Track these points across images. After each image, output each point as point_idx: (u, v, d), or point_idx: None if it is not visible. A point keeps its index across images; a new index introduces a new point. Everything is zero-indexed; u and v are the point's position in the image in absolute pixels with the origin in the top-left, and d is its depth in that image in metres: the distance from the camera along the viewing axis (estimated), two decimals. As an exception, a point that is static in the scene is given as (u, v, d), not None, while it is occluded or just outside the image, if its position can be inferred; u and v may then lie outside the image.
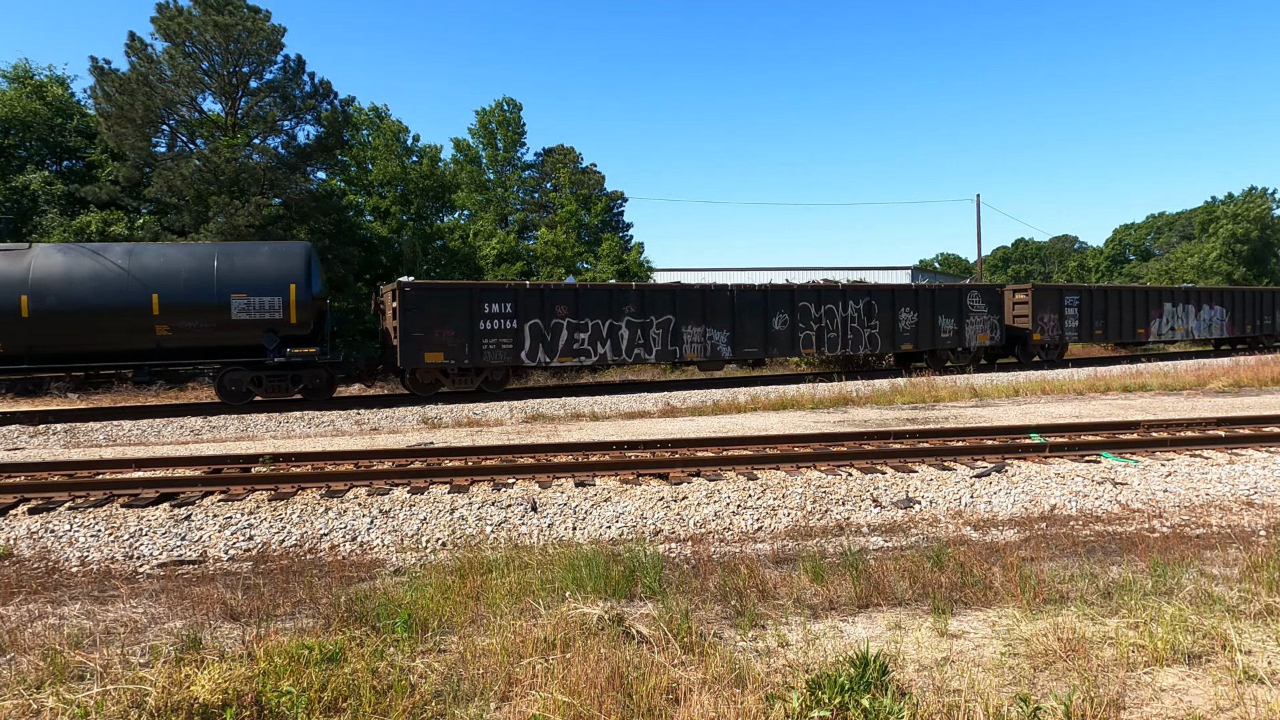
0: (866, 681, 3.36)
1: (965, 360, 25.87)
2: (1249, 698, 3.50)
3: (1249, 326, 34.42)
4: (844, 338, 23.77)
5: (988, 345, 26.19)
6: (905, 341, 24.79)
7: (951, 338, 25.55)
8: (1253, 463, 9.57)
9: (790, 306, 23.02)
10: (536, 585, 5.12)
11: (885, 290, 24.74)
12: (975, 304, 26.08)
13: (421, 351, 19.07)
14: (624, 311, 21.03)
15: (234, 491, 8.76)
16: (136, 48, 26.15)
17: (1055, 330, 27.81)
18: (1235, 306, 34.12)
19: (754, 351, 22.56)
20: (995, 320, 26.44)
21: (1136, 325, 30.19)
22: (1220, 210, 63.98)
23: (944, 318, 25.42)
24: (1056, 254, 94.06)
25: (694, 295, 21.95)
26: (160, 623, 5.12)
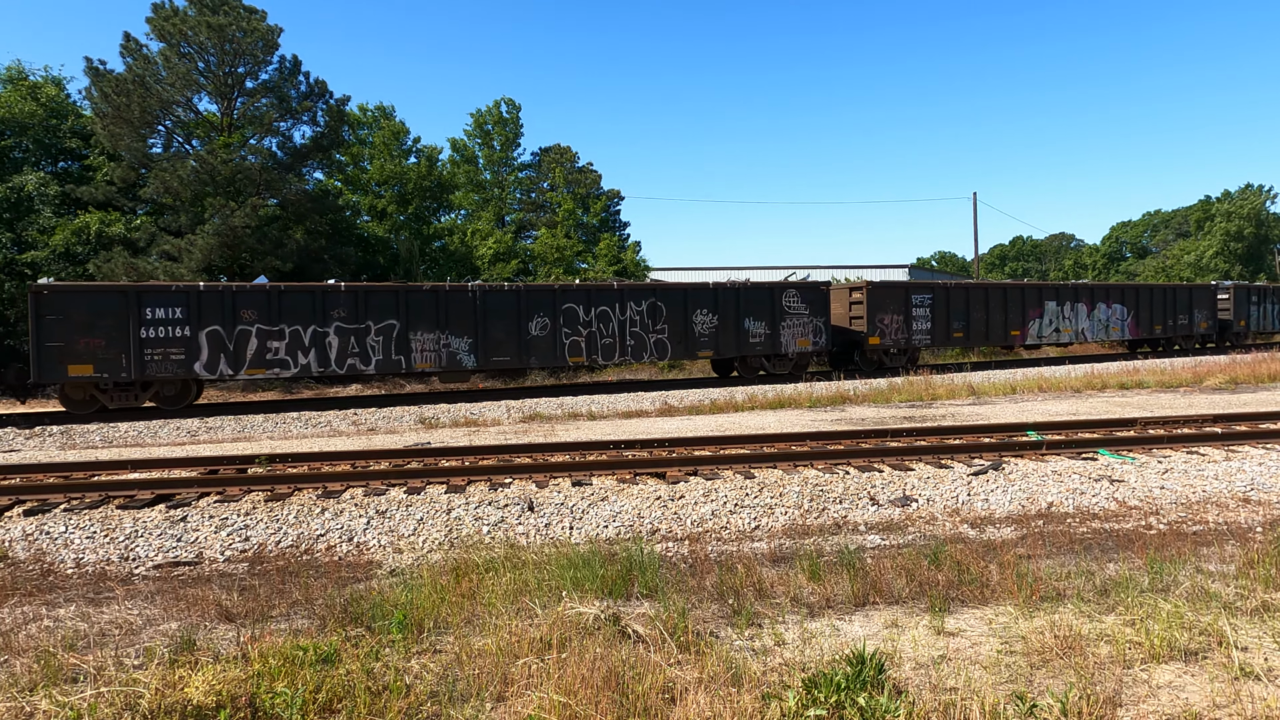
0: (863, 680, 3.35)
1: (785, 368, 23.21)
2: (1245, 694, 3.50)
3: (1158, 327, 31.06)
4: (622, 344, 21.00)
5: (810, 351, 23.33)
6: (703, 347, 21.97)
7: (763, 343, 22.55)
8: (1249, 459, 9.58)
9: (552, 309, 20.33)
10: (533, 585, 5.11)
11: (675, 290, 22.00)
12: (793, 304, 23.04)
13: (64, 364, 16.49)
14: (333, 316, 18.41)
15: (230, 493, 8.74)
16: (132, 48, 26.10)
17: (900, 334, 24.69)
18: (1140, 305, 30.76)
19: (506, 361, 19.92)
20: (820, 323, 23.35)
21: (1010, 327, 27.05)
22: (1216, 208, 64.10)
23: (753, 320, 22.46)
24: (1053, 251, 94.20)
25: (424, 297, 19.31)
26: (155, 624, 5.11)
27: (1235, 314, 33.80)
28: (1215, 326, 33.13)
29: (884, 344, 24.56)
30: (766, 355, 22.94)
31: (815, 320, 23.45)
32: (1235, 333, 33.91)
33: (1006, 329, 27.18)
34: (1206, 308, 32.78)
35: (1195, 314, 32.23)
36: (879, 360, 24.75)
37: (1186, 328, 32.05)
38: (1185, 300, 32.30)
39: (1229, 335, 33.78)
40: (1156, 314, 31.19)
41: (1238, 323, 33.96)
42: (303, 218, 26.87)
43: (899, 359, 25.16)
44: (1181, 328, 31.93)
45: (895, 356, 25.09)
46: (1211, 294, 33.51)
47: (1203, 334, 32.71)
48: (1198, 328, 32.32)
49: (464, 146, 42.98)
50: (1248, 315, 34.47)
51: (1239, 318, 34.04)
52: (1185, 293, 32.59)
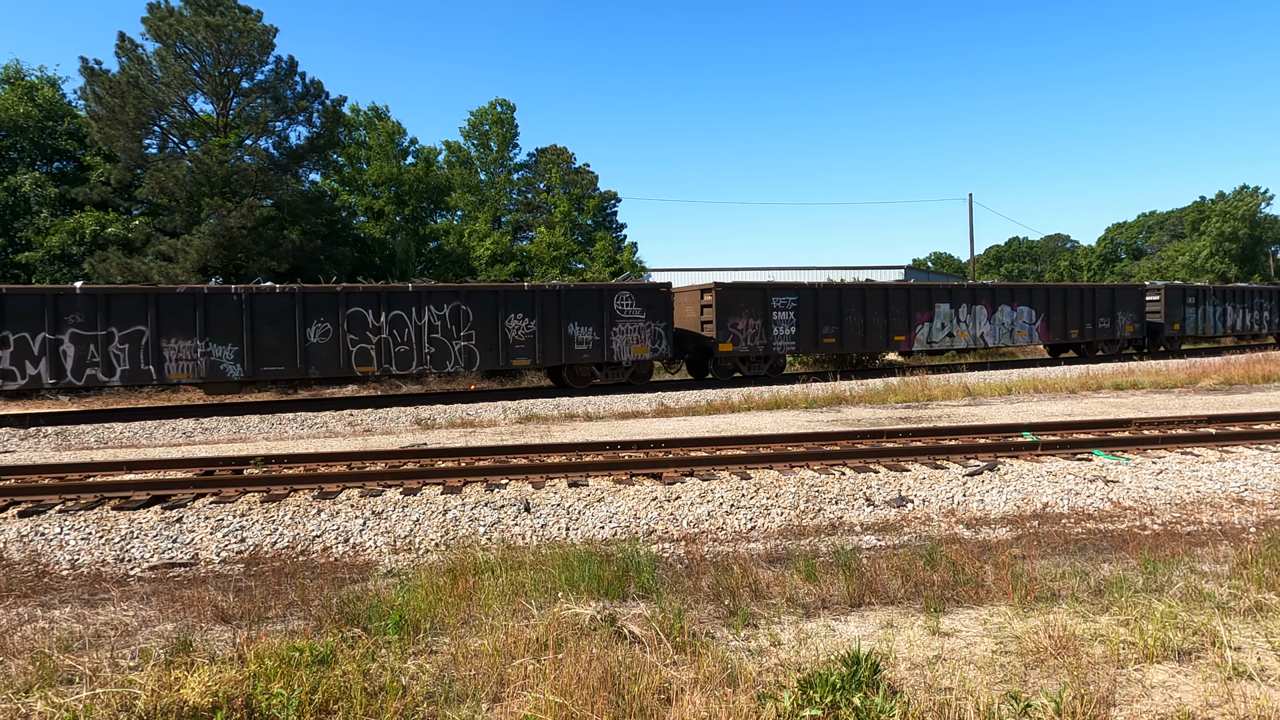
0: (858, 680, 3.36)
1: (620, 376, 21.48)
2: (1238, 694, 3.52)
3: (1074, 331, 28.72)
4: (420, 352, 19.22)
5: (649, 358, 21.48)
6: (519, 355, 20.17)
7: (591, 350, 20.73)
8: (1243, 460, 9.62)
9: (334, 313, 18.47)
10: (529, 586, 5.11)
11: (484, 292, 20.08)
12: (627, 307, 21.06)
13: None
14: (68, 322, 16.59)
15: (226, 493, 8.73)
16: (127, 48, 26.06)
17: (758, 339, 22.68)
18: (1052, 307, 28.42)
19: (280, 370, 18.14)
20: (660, 327, 21.41)
21: (892, 332, 24.78)
22: (1211, 209, 64.33)
23: (579, 325, 20.62)
24: (1049, 252, 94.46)
25: (180, 301, 17.44)
26: (151, 625, 5.10)
27: (1168, 316, 31.33)
28: (1143, 330, 30.78)
29: (738, 351, 22.54)
30: (596, 363, 21.07)
31: (654, 325, 21.42)
32: (1168, 337, 31.58)
33: (888, 334, 24.88)
34: (1132, 309, 30.43)
35: (1119, 317, 29.72)
36: (733, 368, 22.88)
37: (1108, 331, 29.51)
38: (1106, 302, 29.72)
39: (1161, 340, 31.62)
40: (1072, 317, 28.71)
41: (1170, 326, 31.38)
42: (299, 218, 26.85)
43: (758, 366, 23.21)
44: (1102, 332, 29.39)
45: (754, 364, 23.15)
46: (1138, 295, 31.22)
47: (1129, 338, 30.37)
48: (1122, 331, 29.89)
49: (460, 148, 42.99)
50: (1183, 318, 31.90)
51: (1172, 321, 31.45)
52: (1106, 293, 30.07)
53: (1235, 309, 34.50)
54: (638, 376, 21.75)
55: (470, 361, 19.77)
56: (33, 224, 26.21)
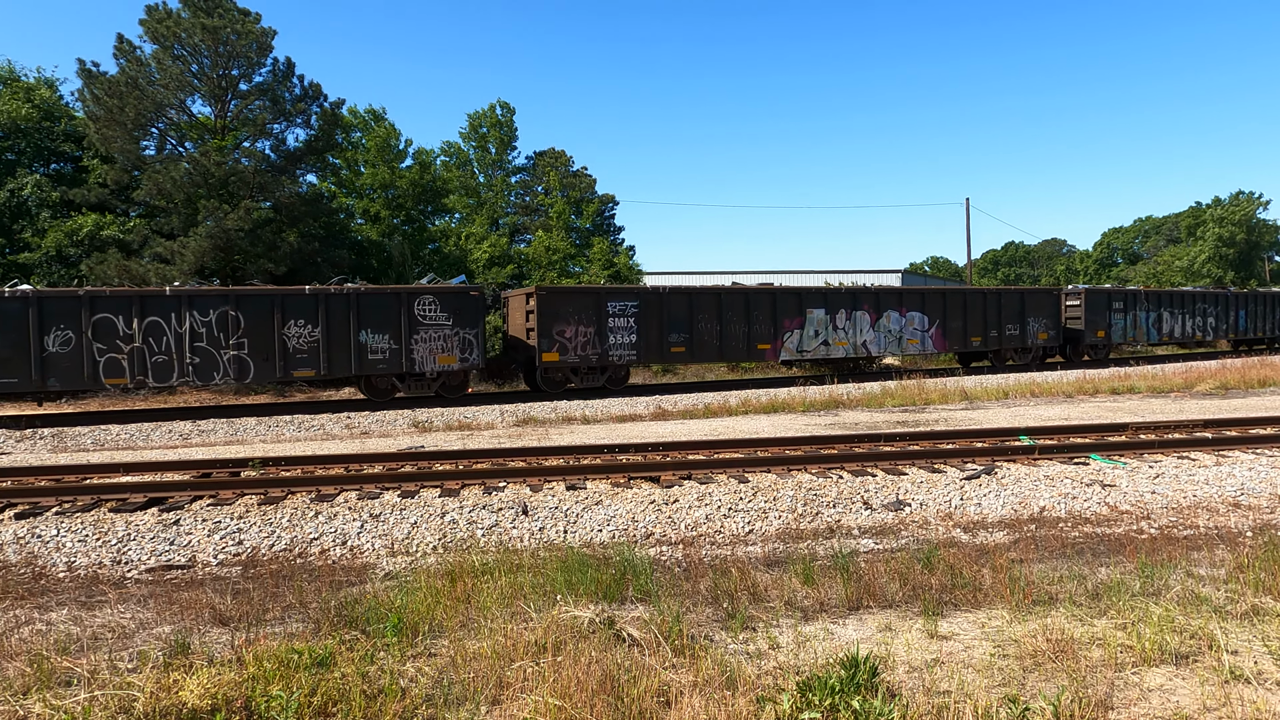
0: (856, 683, 3.37)
1: (426, 389, 19.59)
2: (1235, 697, 3.53)
3: (976, 339, 26.23)
4: (181, 362, 17.20)
5: (458, 369, 19.51)
6: (301, 366, 18.14)
7: (388, 359, 18.75)
8: (1239, 464, 9.64)
9: (77, 320, 16.49)
10: (527, 588, 5.11)
11: (259, 297, 18.01)
12: (431, 313, 19.16)
13: None
14: None
15: (223, 496, 8.72)
16: (125, 50, 26.01)
17: (591, 348, 20.72)
18: (950, 313, 25.91)
19: (12, 383, 16.22)
20: (471, 335, 19.47)
21: (755, 339, 22.69)
22: (1207, 214, 64.51)
23: (374, 333, 18.59)
24: (1045, 257, 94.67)
25: None
26: (149, 628, 5.09)
27: (1089, 323, 28.78)
28: (1059, 338, 28.32)
29: (566, 360, 20.52)
30: (396, 374, 19.16)
31: (464, 332, 19.46)
32: (1090, 345, 29.07)
33: (751, 342, 22.75)
34: (1046, 316, 27.87)
35: (1030, 323, 27.30)
36: (563, 379, 20.89)
37: (1018, 339, 27.09)
38: (1015, 307, 27.19)
39: (1083, 348, 29.04)
40: (974, 323, 26.22)
41: (1093, 333, 28.88)
42: (296, 220, 26.80)
43: (593, 378, 21.14)
44: (1010, 340, 26.93)
45: (588, 375, 21.10)
46: (1053, 300, 28.48)
47: (1043, 346, 27.83)
48: (1034, 339, 27.40)
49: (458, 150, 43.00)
50: (1108, 324, 29.36)
51: (1095, 327, 28.94)
52: (1015, 298, 27.38)
53: (1174, 314, 32.06)
54: (448, 389, 19.83)
55: (242, 373, 17.81)
56: (31, 225, 26.17)
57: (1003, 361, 27.27)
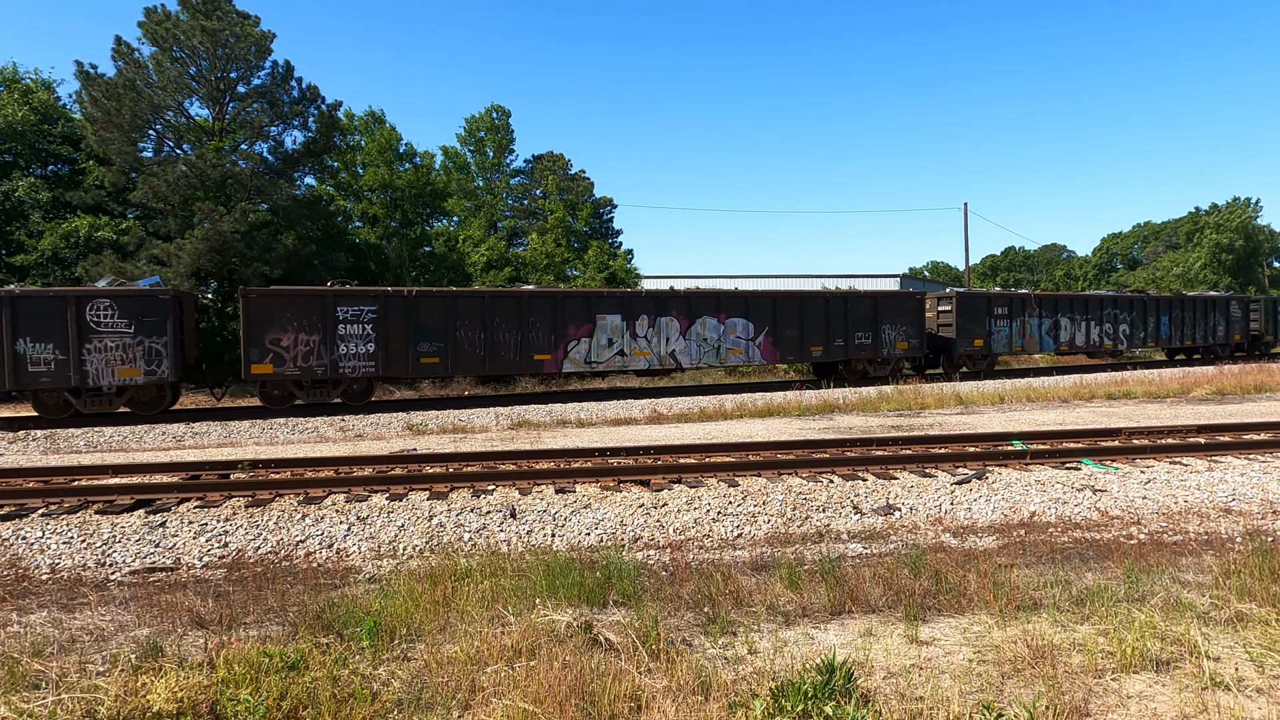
0: (831, 689, 3.34)
1: (106, 405, 17.19)
2: (1213, 704, 3.50)
3: (816, 348, 23.17)
4: None
5: (143, 383, 17.05)
6: None
7: (53, 373, 16.37)
8: (1232, 470, 9.61)
9: None
10: (509, 592, 5.08)
11: None
12: (109, 320, 16.72)
13: None
14: None
15: (210, 498, 8.68)
16: (123, 52, 26.02)
17: (317, 358, 18.10)
18: (783, 320, 22.81)
19: None
20: (158, 344, 17.04)
21: (532, 349, 20.03)
22: (1205, 220, 64.53)
23: (34, 341, 16.29)
24: (1045, 262, 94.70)
25: None
26: (127, 630, 5.06)
27: (963, 330, 25.59)
28: (922, 347, 24.97)
29: (283, 373, 17.93)
30: (68, 389, 16.73)
31: (150, 341, 17.02)
32: (966, 355, 25.98)
33: (525, 351, 20.02)
34: (907, 323, 24.57)
35: (886, 331, 24.12)
36: (285, 395, 18.51)
37: (870, 349, 23.93)
38: (866, 312, 23.94)
39: (957, 358, 26.08)
40: (813, 331, 23.19)
41: (968, 342, 25.70)
42: (293, 223, 26.79)
43: (323, 392, 18.53)
44: (861, 349, 23.81)
45: (315, 390, 18.49)
46: (915, 304, 24.93)
47: (903, 356, 24.66)
48: (892, 349, 24.20)
49: (456, 153, 43.03)
50: (988, 332, 26.12)
51: (970, 335, 25.72)
52: (866, 302, 24.10)
53: (1076, 321, 28.58)
54: (140, 405, 17.52)
55: None
56: (26, 227, 26.16)
57: (855, 374, 24.23)
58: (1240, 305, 34.82)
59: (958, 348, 25.60)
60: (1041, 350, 27.93)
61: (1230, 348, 34.56)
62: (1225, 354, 34.11)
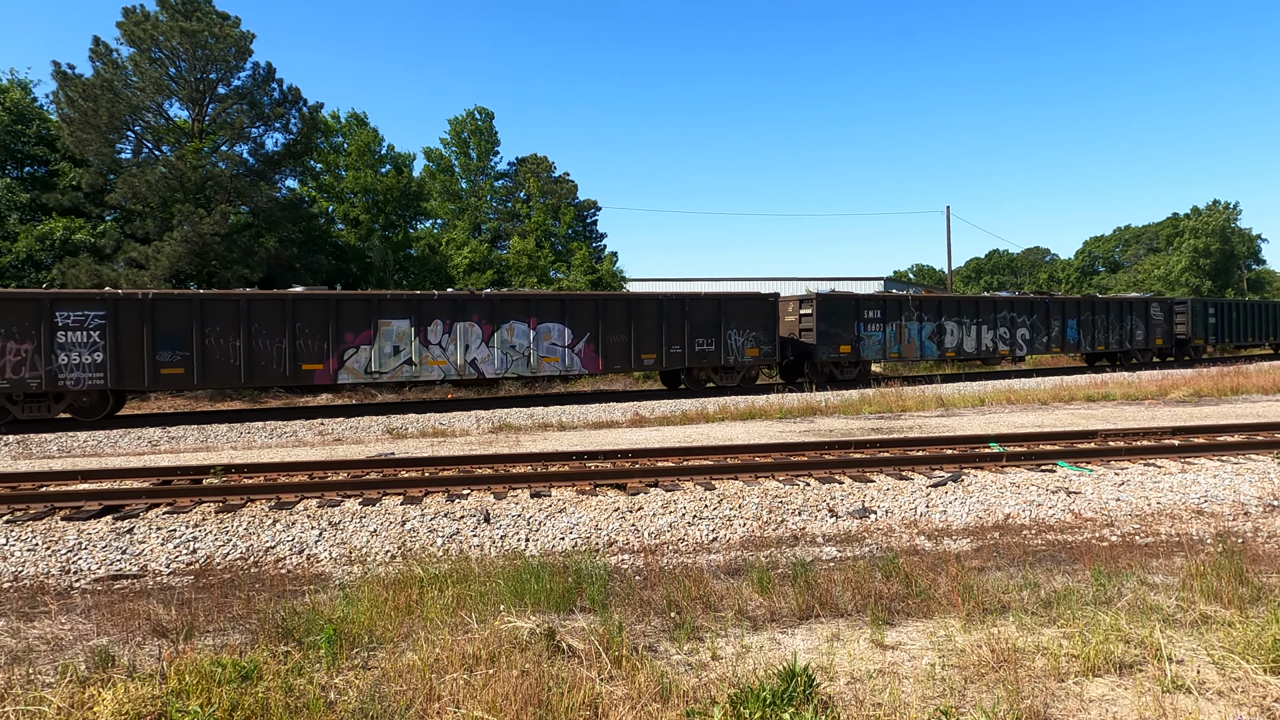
0: (791, 695, 3.31)
1: None
2: (1172, 708, 3.49)
3: (649, 356, 21.25)
4: None
5: None
6: None
7: None
8: (1204, 471, 9.67)
9: None
10: (475, 598, 5.03)
11: None
12: None
13: None
14: None
15: (180, 504, 8.58)
16: (101, 53, 25.77)
17: (29, 370, 16.09)
18: (609, 324, 20.71)
19: None
20: None
21: (303, 358, 18.04)
22: (1185, 224, 65.18)
23: None
24: (1028, 265, 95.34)
25: None
26: (85, 639, 4.97)
27: (824, 336, 23.42)
28: (775, 353, 22.75)
29: None
30: None
31: None
32: (831, 361, 23.91)
33: (293, 362, 17.94)
34: (757, 328, 22.38)
35: (733, 336, 21.98)
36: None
37: (713, 356, 21.79)
38: (710, 316, 21.68)
39: (820, 364, 23.91)
40: (646, 337, 21.10)
41: (832, 348, 23.60)
42: (274, 225, 26.60)
43: (39, 406, 16.55)
44: (704, 356, 21.69)
45: (30, 405, 16.52)
46: (768, 308, 22.69)
47: (754, 363, 22.46)
48: (739, 356, 22.05)
49: (440, 156, 42.88)
50: (856, 338, 24.01)
51: (835, 342, 23.64)
52: (708, 305, 21.82)
53: (965, 325, 26.38)
54: None
55: None
56: (2, 229, 25.85)
57: (698, 383, 22.27)
58: (1162, 307, 32.66)
59: (819, 354, 23.57)
60: (923, 357, 25.83)
61: (1151, 353, 32.46)
62: (1146, 359, 32.14)
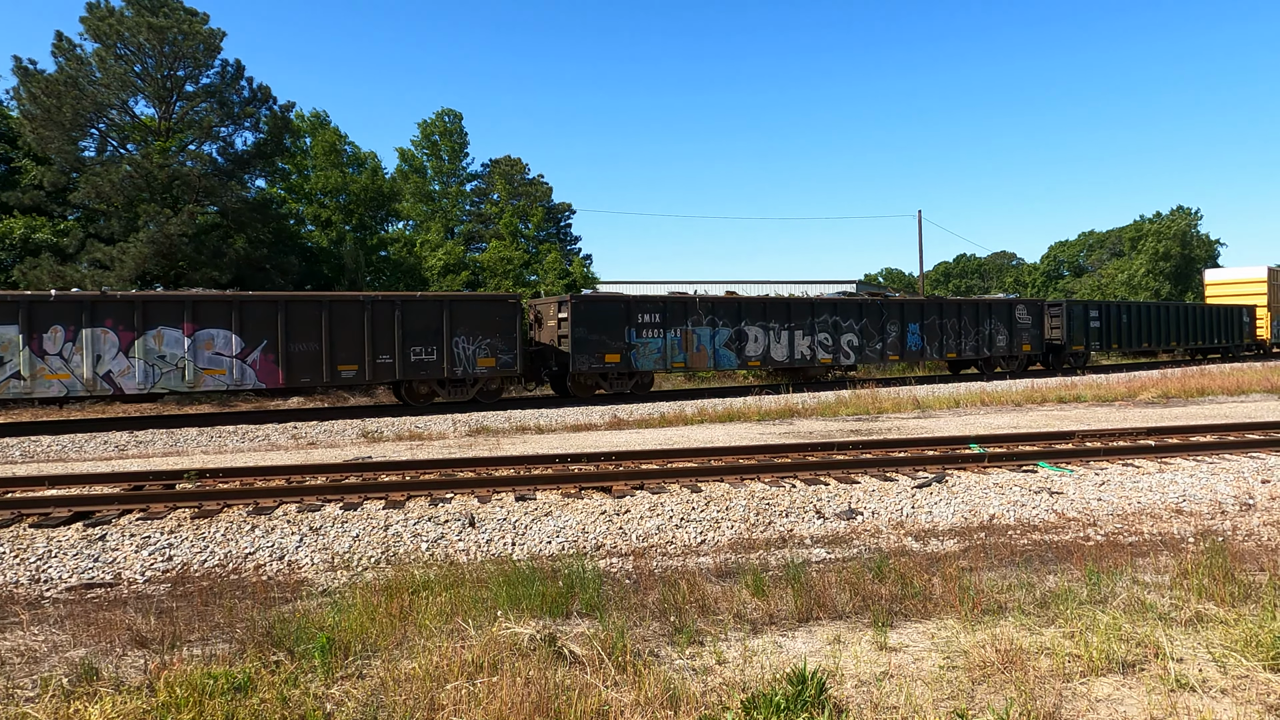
0: (803, 700, 3.26)
1: None
2: (1181, 706, 3.50)
3: (348, 368, 18.21)
4: None
5: None
6: None
7: None
8: (1181, 471, 9.82)
9: None
10: (468, 604, 4.92)
11: None
12: None
13: None
14: None
15: (154, 509, 8.33)
16: (64, 48, 25.17)
17: None
18: (295, 330, 17.90)
19: None
20: None
21: None
22: (1148, 228, 66.58)
23: None
24: (996, 269, 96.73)
25: None
26: (61, 651, 4.78)
27: (585, 344, 20.67)
28: (517, 362, 20.03)
29: None
30: None
31: None
32: (589, 372, 21.20)
33: None
34: (496, 333, 19.60)
35: (460, 344, 19.26)
36: None
37: (435, 367, 19.06)
38: (431, 321, 18.96)
39: (580, 376, 21.31)
40: (347, 346, 18.15)
41: (596, 358, 21.04)
42: (244, 226, 26.14)
43: None
44: (424, 368, 18.98)
45: None
46: (506, 311, 19.79)
47: (490, 375, 19.72)
48: (470, 367, 19.39)
49: (412, 157, 42.47)
50: (628, 345, 21.22)
51: (601, 350, 20.92)
52: (430, 308, 18.94)
53: (774, 330, 23.42)
54: None
55: None
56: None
57: (414, 397, 19.71)
58: (1031, 310, 29.46)
59: (578, 365, 20.83)
60: (718, 366, 23.01)
61: (1020, 360, 28.96)
62: (1015, 367, 28.77)
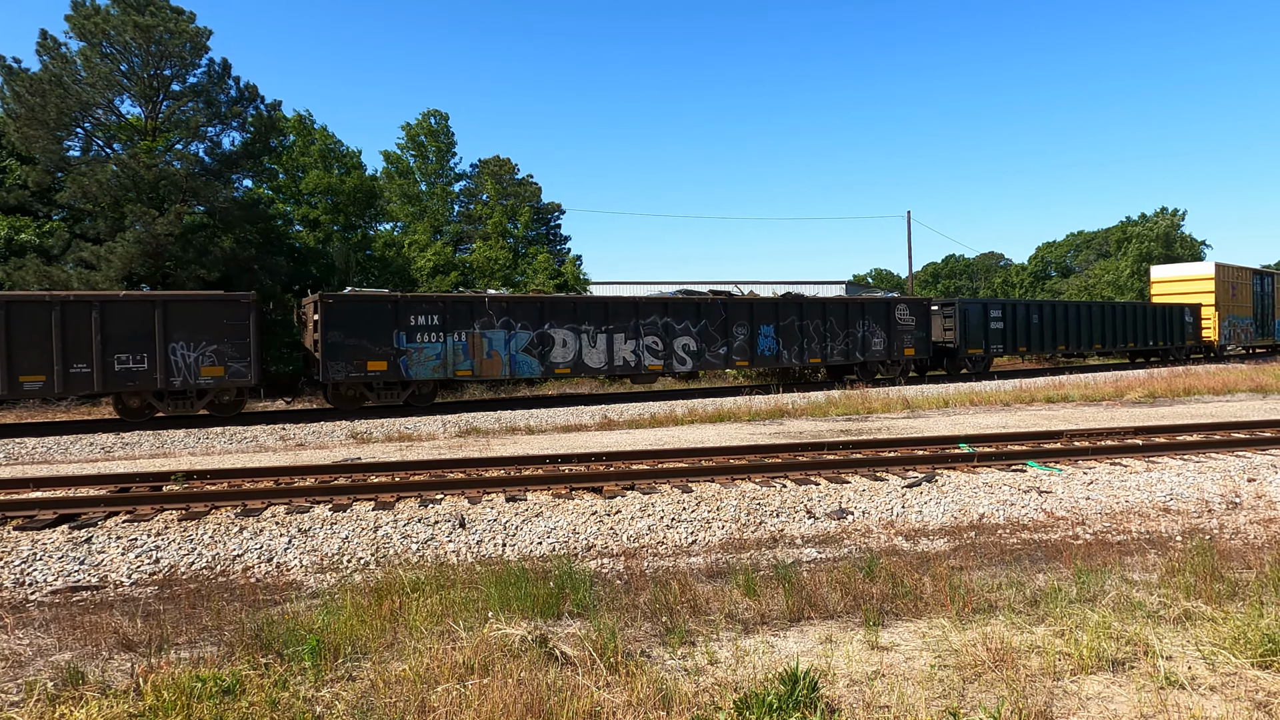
0: (796, 700, 3.26)
1: None
2: (1171, 704, 3.51)
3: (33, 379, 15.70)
4: None
5: None
6: None
7: None
8: (1168, 470, 9.89)
9: None
10: (459, 605, 4.89)
11: None
12: None
13: None
14: None
15: (141, 511, 8.26)
16: (49, 46, 24.90)
17: None
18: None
19: None
20: None
21: None
22: (1133, 229, 67.04)
23: None
24: (984, 269, 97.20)
25: None
26: (47, 655, 4.73)
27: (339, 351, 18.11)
28: (250, 371, 17.41)
29: None
30: None
31: None
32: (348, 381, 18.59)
33: None
34: (224, 337, 17.19)
35: (179, 352, 16.85)
36: None
37: (148, 377, 16.52)
38: (139, 325, 16.46)
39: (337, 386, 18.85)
40: (32, 352, 15.67)
41: (356, 365, 18.42)
42: (231, 226, 25.95)
43: None
44: (132, 377, 16.41)
45: None
46: (237, 311, 17.38)
47: (218, 386, 17.27)
48: (192, 376, 16.94)
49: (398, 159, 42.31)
50: (397, 351, 18.72)
51: (363, 356, 18.39)
52: (139, 310, 16.57)
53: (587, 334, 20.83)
54: None
55: None
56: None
57: (132, 412, 17.18)
58: (914, 309, 26.09)
59: (330, 372, 18.22)
60: (516, 373, 20.24)
61: (902, 366, 25.88)
62: (897, 373, 25.65)
